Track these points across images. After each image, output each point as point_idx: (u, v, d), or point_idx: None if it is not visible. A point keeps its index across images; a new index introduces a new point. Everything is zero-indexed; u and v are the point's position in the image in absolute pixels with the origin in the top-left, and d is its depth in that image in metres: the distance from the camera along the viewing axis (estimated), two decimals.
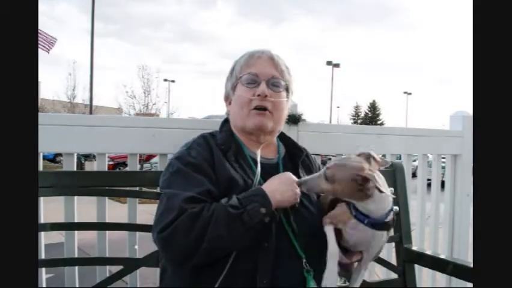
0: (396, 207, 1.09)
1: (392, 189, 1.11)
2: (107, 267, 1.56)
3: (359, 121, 49.90)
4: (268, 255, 1.11)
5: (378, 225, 1.06)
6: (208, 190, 1.12)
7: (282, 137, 1.41)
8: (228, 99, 1.35)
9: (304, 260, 1.16)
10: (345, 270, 1.21)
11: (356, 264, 1.20)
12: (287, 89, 1.33)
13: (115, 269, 1.44)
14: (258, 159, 1.25)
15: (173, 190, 1.12)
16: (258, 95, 1.24)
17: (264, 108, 1.25)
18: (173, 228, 1.05)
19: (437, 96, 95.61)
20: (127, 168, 1.78)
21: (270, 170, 1.26)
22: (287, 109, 1.36)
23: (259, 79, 1.25)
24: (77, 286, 1.54)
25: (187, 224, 1.04)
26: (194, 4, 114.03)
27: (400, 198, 1.82)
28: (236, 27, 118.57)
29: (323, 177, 1.05)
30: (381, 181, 0.99)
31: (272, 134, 1.33)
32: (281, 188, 1.13)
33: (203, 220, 1.05)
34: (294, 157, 1.36)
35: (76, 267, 1.53)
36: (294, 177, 1.17)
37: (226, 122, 1.36)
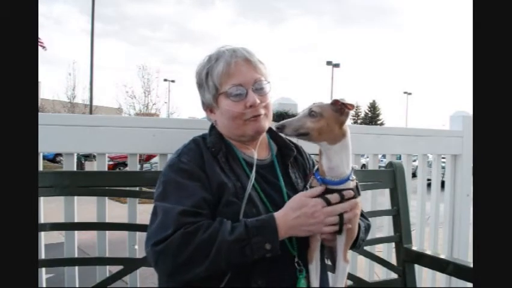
0: (354, 172, 1.13)
1: (356, 166, 1.17)
2: (107, 267, 1.56)
3: (359, 121, 49.90)
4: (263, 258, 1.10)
5: (328, 185, 1.10)
6: (204, 198, 1.11)
7: (272, 134, 1.37)
8: (208, 108, 1.30)
9: (296, 259, 1.15)
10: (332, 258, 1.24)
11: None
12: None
13: (115, 269, 1.45)
14: (254, 164, 1.22)
15: (167, 204, 1.10)
16: (250, 106, 1.20)
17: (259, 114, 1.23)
18: (165, 245, 1.04)
19: (437, 96, 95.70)
20: (127, 168, 1.78)
21: (262, 171, 1.24)
22: None
23: (245, 89, 1.21)
24: (77, 286, 1.54)
25: (178, 245, 1.04)
26: (192, 4, 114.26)
27: (400, 198, 1.82)
28: (235, 27, 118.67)
29: (308, 116, 1.07)
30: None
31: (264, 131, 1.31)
32: (299, 221, 1.07)
33: (197, 243, 1.03)
34: (285, 157, 1.33)
35: (76, 267, 1.54)
36: (318, 202, 1.09)
37: (214, 126, 1.31)
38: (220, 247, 1.03)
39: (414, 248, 1.79)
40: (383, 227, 2.16)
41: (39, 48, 16.70)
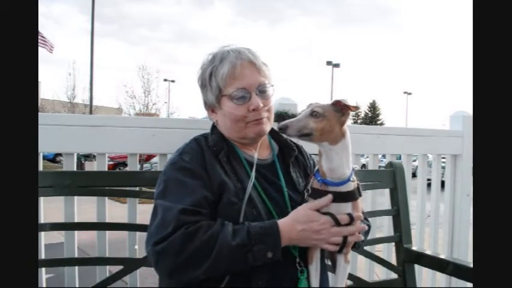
0: (356, 168, 1.16)
1: (357, 166, 1.18)
2: (107, 267, 1.56)
3: (359, 121, 49.88)
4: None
5: (329, 186, 1.11)
6: (204, 197, 1.11)
7: (274, 134, 1.37)
8: (210, 108, 1.29)
9: (297, 260, 1.16)
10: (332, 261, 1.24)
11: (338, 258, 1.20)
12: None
13: (115, 269, 1.45)
14: (254, 164, 1.23)
15: (167, 202, 1.10)
16: (253, 110, 1.20)
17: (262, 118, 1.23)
18: (166, 245, 1.04)
19: (437, 96, 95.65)
20: (127, 168, 1.78)
21: (263, 171, 1.24)
22: None
23: (248, 92, 1.20)
24: (77, 286, 1.54)
25: (179, 244, 1.03)
26: (191, 4, 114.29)
27: (400, 198, 1.82)
28: (234, 27, 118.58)
29: (310, 117, 1.08)
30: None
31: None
32: (303, 234, 1.08)
33: (198, 243, 1.03)
34: (286, 157, 1.34)
35: (76, 267, 1.54)
36: (327, 221, 1.09)
37: (216, 125, 1.31)
38: (221, 250, 1.03)
39: (414, 248, 1.79)
40: (383, 227, 2.16)
41: (45, 50, 16.66)
